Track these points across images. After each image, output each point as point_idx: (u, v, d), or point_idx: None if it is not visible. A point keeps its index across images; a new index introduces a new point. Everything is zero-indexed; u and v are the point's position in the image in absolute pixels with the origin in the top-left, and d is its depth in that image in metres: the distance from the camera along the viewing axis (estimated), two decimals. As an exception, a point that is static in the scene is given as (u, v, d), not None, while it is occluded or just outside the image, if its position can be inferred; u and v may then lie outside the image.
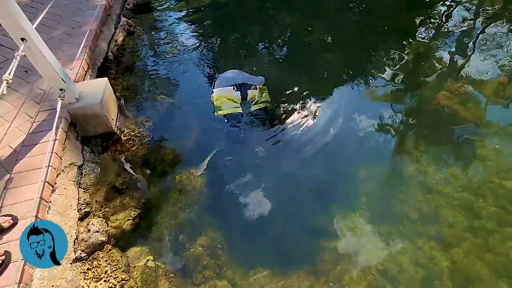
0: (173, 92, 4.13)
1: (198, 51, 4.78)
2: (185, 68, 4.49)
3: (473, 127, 3.53)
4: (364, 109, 3.87)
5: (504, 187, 3.03)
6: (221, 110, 3.54)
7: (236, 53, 4.69)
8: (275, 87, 3.96)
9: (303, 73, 4.27)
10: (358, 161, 3.47)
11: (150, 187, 3.00)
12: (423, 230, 2.92)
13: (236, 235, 2.86)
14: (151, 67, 4.52)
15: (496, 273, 2.60)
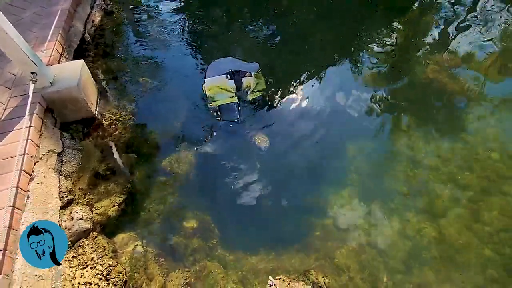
0: (156, 74, 3.95)
1: (182, 31, 4.54)
2: (169, 49, 4.28)
3: (462, 100, 3.51)
4: (354, 86, 3.80)
5: (490, 158, 3.07)
6: (214, 101, 3.27)
7: (222, 34, 4.48)
8: (265, 69, 3.82)
9: (293, 53, 4.13)
10: (348, 138, 3.45)
11: (136, 172, 2.92)
12: (412, 204, 2.96)
13: (226, 216, 2.84)
14: (133, 48, 4.29)
15: (482, 241, 2.67)
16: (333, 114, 3.61)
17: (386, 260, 2.63)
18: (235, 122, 3.29)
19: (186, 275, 2.39)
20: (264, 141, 3.23)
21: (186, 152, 3.21)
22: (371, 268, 2.52)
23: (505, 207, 2.78)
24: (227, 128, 3.35)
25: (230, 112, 3.25)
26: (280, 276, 1.86)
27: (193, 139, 3.30)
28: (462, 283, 2.41)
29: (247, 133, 3.32)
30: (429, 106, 3.59)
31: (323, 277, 2.13)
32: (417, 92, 3.66)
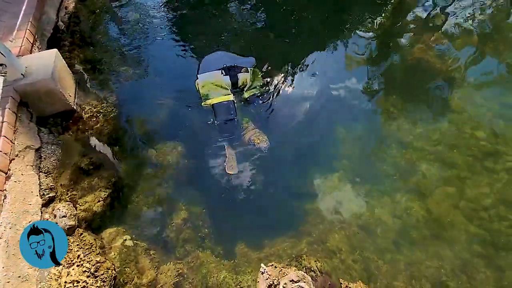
0: (138, 62, 3.78)
1: (165, 17, 4.32)
2: (150, 36, 4.07)
3: (448, 79, 3.52)
4: (342, 71, 3.75)
5: (476, 137, 3.11)
6: (208, 98, 3.02)
7: (209, 19, 4.27)
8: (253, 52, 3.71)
9: (281, 39, 4.00)
10: (337, 123, 3.43)
11: (121, 165, 2.83)
12: (400, 185, 2.99)
13: (217, 206, 2.81)
14: (112, 36, 4.08)
15: (468, 218, 2.74)
16: (323, 99, 3.57)
17: (376, 241, 2.67)
18: (231, 122, 3.01)
19: (178, 267, 2.37)
20: (263, 140, 2.96)
21: (173, 143, 3.12)
22: (362, 249, 2.55)
23: (490, 184, 2.85)
24: (222, 127, 3.09)
25: (225, 111, 2.97)
26: (272, 263, 1.86)
27: (180, 129, 3.21)
28: (449, 259, 2.47)
29: (236, 121, 3.15)
30: (416, 87, 3.59)
31: (315, 261, 2.15)
32: (404, 73, 3.65)
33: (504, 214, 2.72)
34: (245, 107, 3.27)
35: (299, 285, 1.65)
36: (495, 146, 3.04)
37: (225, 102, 2.98)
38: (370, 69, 3.75)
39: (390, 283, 2.31)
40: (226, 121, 3.00)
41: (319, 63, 3.78)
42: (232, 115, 2.98)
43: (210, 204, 2.79)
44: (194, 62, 3.76)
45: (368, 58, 3.84)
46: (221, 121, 3.00)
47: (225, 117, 2.98)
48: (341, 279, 2.00)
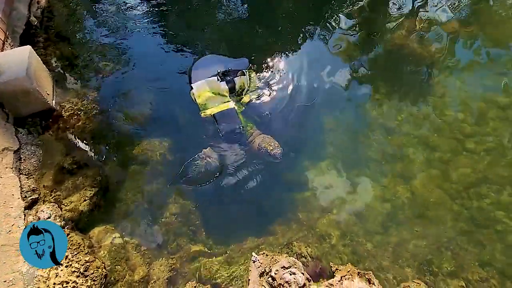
0: (118, 57, 3.65)
1: (145, 9, 4.14)
2: (130, 29, 3.93)
3: (429, 64, 3.58)
4: (326, 60, 3.74)
5: (457, 119, 3.20)
6: (207, 108, 2.85)
7: (188, 10, 4.15)
8: (239, 49, 3.65)
9: (264, 28, 3.94)
10: (324, 112, 3.45)
11: (106, 163, 2.76)
12: (387, 169, 3.06)
13: (207, 198, 2.80)
14: (89, 31, 3.91)
15: (451, 198, 2.84)
16: (308, 89, 3.56)
17: (365, 224, 2.74)
18: (237, 130, 2.83)
19: (171, 262, 2.36)
20: (276, 147, 2.80)
21: (159, 138, 3.07)
22: (352, 234, 2.61)
23: (471, 164, 2.95)
24: (228, 137, 2.89)
25: (228, 120, 2.79)
26: (263, 251, 1.88)
27: (165, 123, 3.15)
28: (434, 238, 2.56)
29: (251, 140, 2.91)
30: (399, 73, 3.64)
31: (305, 247, 2.18)
32: (387, 60, 3.69)
33: (485, 193, 2.83)
34: (246, 111, 3.06)
35: (290, 271, 1.68)
36: (476, 127, 3.14)
37: (226, 111, 2.82)
38: (353, 58, 3.76)
39: (379, 264, 2.38)
40: (231, 130, 2.82)
41: (303, 52, 3.77)
42: (237, 123, 2.81)
43: (200, 197, 2.78)
44: (176, 55, 3.68)
45: (351, 45, 3.84)
46: (226, 131, 2.82)
47: (230, 127, 2.81)
48: (331, 263, 2.04)
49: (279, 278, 1.66)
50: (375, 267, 2.35)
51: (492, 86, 3.35)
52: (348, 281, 1.65)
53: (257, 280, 1.70)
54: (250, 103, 3.07)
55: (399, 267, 2.34)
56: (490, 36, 3.75)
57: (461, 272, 2.30)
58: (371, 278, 1.73)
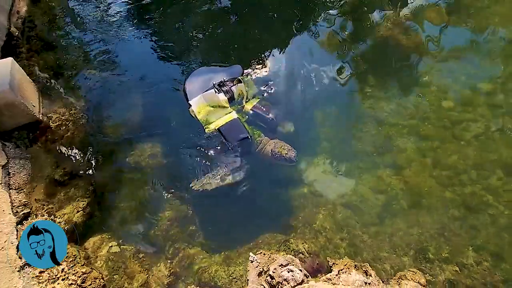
0: (105, 64, 3.60)
1: (128, 13, 4.09)
2: (115, 35, 3.86)
3: (416, 55, 3.63)
4: (314, 55, 3.75)
5: (445, 107, 3.25)
6: (210, 123, 2.73)
7: (173, 14, 4.09)
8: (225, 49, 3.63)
9: (250, 27, 3.92)
10: (315, 107, 3.46)
11: (98, 172, 2.73)
12: (379, 161, 3.10)
13: (202, 201, 2.79)
14: (73, 39, 3.84)
15: (443, 185, 2.89)
16: (298, 85, 3.57)
17: (361, 217, 2.77)
18: (246, 141, 2.72)
19: (169, 266, 2.36)
20: (290, 150, 2.74)
21: (151, 144, 3.05)
22: (348, 227, 2.65)
23: (460, 151, 3.01)
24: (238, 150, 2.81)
25: (235, 132, 2.68)
26: (261, 251, 1.89)
27: (156, 128, 3.13)
28: (428, 225, 2.61)
29: (262, 148, 2.82)
30: (386, 65, 3.68)
31: (302, 243, 2.20)
32: (374, 52, 3.72)
33: (475, 178, 2.89)
34: (250, 119, 2.94)
35: (288, 268, 1.69)
36: (463, 114, 3.20)
37: (231, 122, 2.70)
38: (341, 53, 3.79)
39: (376, 255, 2.41)
40: (240, 141, 2.71)
41: (291, 49, 3.77)
42: (245, 134, 2.70)
43: (195, 200, 2.78)
44: (163, 58, 3.65)
45: (338, 41, 3.86)
46: (235, 143, 2.72)
47: (238, 138, 2.69)
48: (328, 258, 2.06)
49: (278, 276, 1.67)
50: (372, 258, 2.39)
51: (476, 73, 3.42)
52: (346, 274, 1.67)
53: (256, 280, 1.71)
54: (253, 111, 2.94)
55: (396, 257, 2.38)
56: (473, 23, 3.80)
57: (455, 257, 2.35)
58: (367, 270, 1.76)
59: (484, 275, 2.20)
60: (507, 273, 2.25)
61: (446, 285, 2.14)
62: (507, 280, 2.19)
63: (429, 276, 2.20)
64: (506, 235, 2.52)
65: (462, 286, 2.15)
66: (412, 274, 1.92)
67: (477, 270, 2.24)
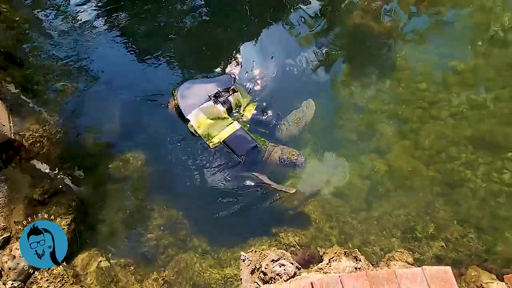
0: (77, 74, 3.48)
1: (97, 21, 3.93)
2: (86, 44, 3.71)
3: (389, 39, 3.69)
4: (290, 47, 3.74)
5: (420, 89, 3.34)
6: (213, 137, 2.61)
7: (149, 17, 3.98)
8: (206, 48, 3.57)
9: (223, 25, 3.87)
10: (294, 100, 3.47)
11: (81, 186, 2.66)
12: (363, 147, 3.16)
13: (191, 205, 2.77)
14: (41, 51, 3.67)
15: (424, 165, 2.97)
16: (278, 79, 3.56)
17: (349, 204, 2.82)
18: (254, 150, 2.62)
19: (163, 274, 2.33)
20: (298, 154, 2.70)
21: (133, 152, 2.98)
22: (337, 214, 2.69)
23: (438, 130, 3.10)
24: (248, 161, 2.67)
25: (242, 142, 2.57)
26: (252, 248, 1.89)
27: (137, 136, 3.06)
28: (414, 205, 2.69)
29: (268, 157, 2.72)
30: (361, 52, 3.72)
31: (293, 236, 2.22)
32: (348, 41, 3.76)
33: (454, 155, 2.99)
34: (253, 127, 2.84)
35: (279, 263, 1.70)
36: (438, 94, 3.29)
37: (235, 133, 2.59)
38: (317, 43, 3.80)
39: (365, 239, 2.47)
40: (249, 151, 2.60)
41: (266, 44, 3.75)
42: (253, 143, 2.59)
43: (184, 205, 2.75)
44: (137, 64, 3.56)
45: (313, 32, 3.88)
46: (244, 154, 2.60)
47: (246, 148, 2.58)
48: (318, 248, 2.09)
49: (270, 272, 1.68)
50: (362, 243, 2.44)
51: (447, 53, 3.51)
52: (336, 262, 1.70)
53: (249, 278, 1.71)
54: (253, 118, 2.84)
55: (384, 239, 2.45)
56: (442, 5, 3.90)
57: (441, 233, 2.44)
58: (357, 255, 1.79)
59: (469, 247, 2.29)
60: (488, 242, 2.35)
61: (434, 260, 2.22)
62: (489, 249, 2.29)
63: (418, 254, 2.28)
64: (486, 206, 2.63)
65: (448, 260, 2.23)
66: (400, 254, 1.97)
67: (462, 243, 2.33)
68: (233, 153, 2.60)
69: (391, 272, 1.49)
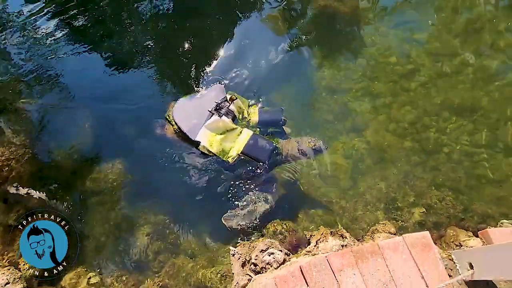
0: (41, 89, 3.30)
1: (62, 32, 3.69)
2: (46, 56, 3.49)
3: (355, 18, 3.72)
4: (261, 38, 3.70)
5: (390, 63, 3.40)
6: (229, 151, 2.49)
7: (109, 20, 3.79)
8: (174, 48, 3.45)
9: (192, 25, 3.76)
10: (271, 89, 3.46)
11: (59, 205, 2.56)
12: (341, 127, 3.20)
13: (177, 208, 2.73)
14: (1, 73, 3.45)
15: (400, 137, 3.06)
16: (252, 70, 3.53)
17: (336, 184, 2.87)
18: (275, 151, 2.53)
19: (157, 280, 2.31)
20: (314, 141, 2.63)
21: (111, 162, 2.89)
22: (325, 197, 2.74)
23: (410, 101, 3.19)
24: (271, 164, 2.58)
25: (261, 147, 2.45)
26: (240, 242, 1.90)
27: (112, 145, 2.97)
28: (393, 176, 2.78)
29: (286, 154, 2.65)
30: (330, 34, 3.74)
31: (280, 224, 2.25)
32: (315, 24, 3.76)
33: (428, 123, 3.09)
34: (263, 129, 2.74)
35: (268, 252, 1.72)
36: (406, 67, 3.37)
37: (250, 141, 2.47)
38: (286, 30, 3.78)
39: (353, 216, 2.54)
40: (270, 154, 2.50)
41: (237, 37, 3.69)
42: (271, 145, 2.50)
43: (170, 209, 2.71)
44: (106, 71, 3.41)
45: (280, 20, 3.84)
46: (268, 159, 2.48)
47: (268, 152, 2.47)
48: (305, 232, 2.13)
49: (260, 262, 1.70)
50: (350, 221, 2.51)
51: (411, 26, 3.59)
52: (323, 243, 1.74)
53: (241, 271, 1.72)
54: (260, 121, 2.73)
55: (369, 213, 2.52)
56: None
57: (421, 199, 2.54)
58: (343, 233, 1.84)
59: (447, 209, 2.40)
60: (465, 202, 2.47)
61: (416, 226, 2.31)
62: (466, 208, 2.41)
63: (401, 222, 2.36)
64: (461, 168, 2.76)
65: (429, 224, 2.33)
66: (383, 226, 2.04)
67: (441, 206, 2.44)
68: (254, 161, 2.49)
69: (374, 244, 1.54)
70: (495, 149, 2.80)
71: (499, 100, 3.06)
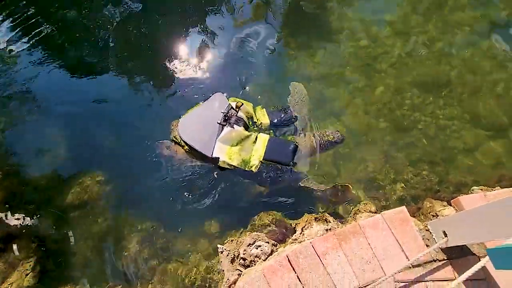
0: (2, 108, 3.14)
1: (32, 47, 3.50)
2: (21, 75, 3.33)
3: (323, 4, 3.73)
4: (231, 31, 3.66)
5: (361, 46, 3.45)
6: (250, 160, 2.42)
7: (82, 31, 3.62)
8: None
9: (164, 21, 3.66)
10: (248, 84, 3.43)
11: (38, 224, 2.47)
12: (320, 114, 3.24)
13: (163, 211, 2.70)
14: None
15: (376, 118, 3.13)
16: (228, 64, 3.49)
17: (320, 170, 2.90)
18: (296, 150, 2.49)
19: (151, 287, 2.29)
20: (332, 133, 2.70)
21: (88, 173, 2.81)
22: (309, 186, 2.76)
23: (382, 82, 3.26)
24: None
25: (281, 149, 2.40)
26: (227, 239, 1.90)
27: (88, 154, 2.87)
28: (373, 157, 2.85)
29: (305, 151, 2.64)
30: (300, 24, 3.74)
31: (266, 216, 2.27)
32: (285, 15, 3.74)
33: (400, 102, 3.18)
34: (276, 131, 2.70)
35: (256, 245, 1.73)
36: (377, 49, 3.43)
37: (269, 144, 2.41)
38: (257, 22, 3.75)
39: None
40: (293, 154, 2.46)
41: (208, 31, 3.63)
42: (291, 144, 2.46)
43: (157, 215, 2.67)
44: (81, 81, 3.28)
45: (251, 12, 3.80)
46: (292, 159, 2.45)
47: (290, 153, 2.43)
48: (290, 221, 2.16)
49: (249, 256, 1.71)
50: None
51: (378, 8, 3.65)
52: (308, 230, 1.77)
53: (230, 267, 1.73)
54: (271, 123, 2.68)
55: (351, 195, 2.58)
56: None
57: (399, 175, 2.63)
58: (327, 218, 1.88)
59: (424, 182, 2.50)
60: (441, 173, 2.58)
61: (398, 202, 2.40)
62: (441, 180, 2.52)
63: (383, 201, 2.44)
64: (436, 141, 2.87)
65: (409, 198, 2.42)
66: (364, 205, 2.10)
67: (417, 181, 2.53)
68: (279, 164, 2.45)
69: (356, 225, 1.58)
70: (462, 121, 2.93)
71: (464, 73, 3.19)
